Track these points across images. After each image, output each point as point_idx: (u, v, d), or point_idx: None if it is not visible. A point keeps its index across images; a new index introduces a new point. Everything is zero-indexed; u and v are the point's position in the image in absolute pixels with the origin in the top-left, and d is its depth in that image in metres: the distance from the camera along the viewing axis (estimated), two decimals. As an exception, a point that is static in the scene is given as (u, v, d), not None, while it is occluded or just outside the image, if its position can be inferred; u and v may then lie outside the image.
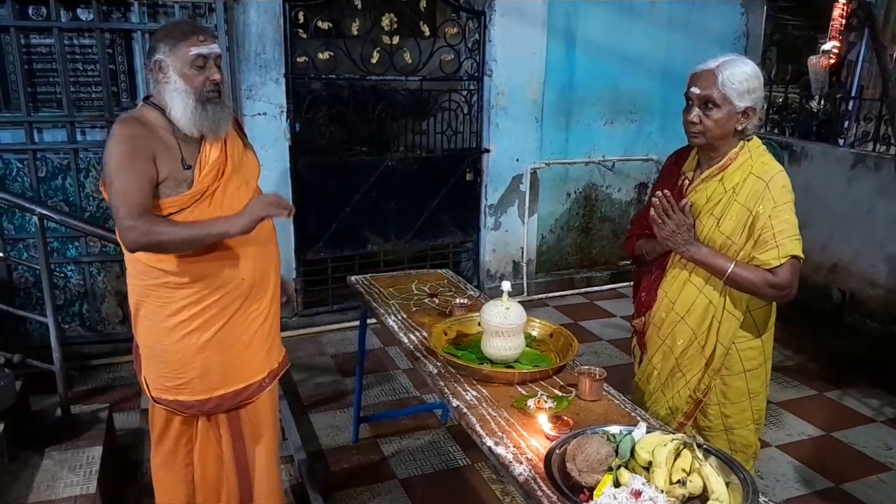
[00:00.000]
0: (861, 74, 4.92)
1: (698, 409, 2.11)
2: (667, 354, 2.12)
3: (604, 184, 5.53)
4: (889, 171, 4.27)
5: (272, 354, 2.24)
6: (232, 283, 2.04)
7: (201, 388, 2.08)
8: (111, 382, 3.74)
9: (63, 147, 3.80)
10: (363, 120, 4.66)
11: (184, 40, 1.89)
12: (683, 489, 1.51)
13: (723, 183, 1.96)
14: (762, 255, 1.90)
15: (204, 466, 2.20)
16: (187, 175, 1.96)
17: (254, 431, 2.23)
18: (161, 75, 1.92)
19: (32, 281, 3.86)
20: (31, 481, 2.38)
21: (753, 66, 1.92)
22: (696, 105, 1.92)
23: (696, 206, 2.00)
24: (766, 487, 2.97)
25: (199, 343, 2.04)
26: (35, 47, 3.71)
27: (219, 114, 1.97)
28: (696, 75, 1.93)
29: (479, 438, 1.80)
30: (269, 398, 2.26)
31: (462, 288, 2.99)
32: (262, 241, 2.11)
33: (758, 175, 1.92)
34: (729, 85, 1.88)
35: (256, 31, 4.03)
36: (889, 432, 3.49)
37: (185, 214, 1.95)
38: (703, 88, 1.90)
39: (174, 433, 2.16)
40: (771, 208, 1.88)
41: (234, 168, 2.04)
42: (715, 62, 1.92)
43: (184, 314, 2.02)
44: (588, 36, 5.08)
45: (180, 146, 1.96)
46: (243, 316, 2.10)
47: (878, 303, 4.39)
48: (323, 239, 4.55)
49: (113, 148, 1.88)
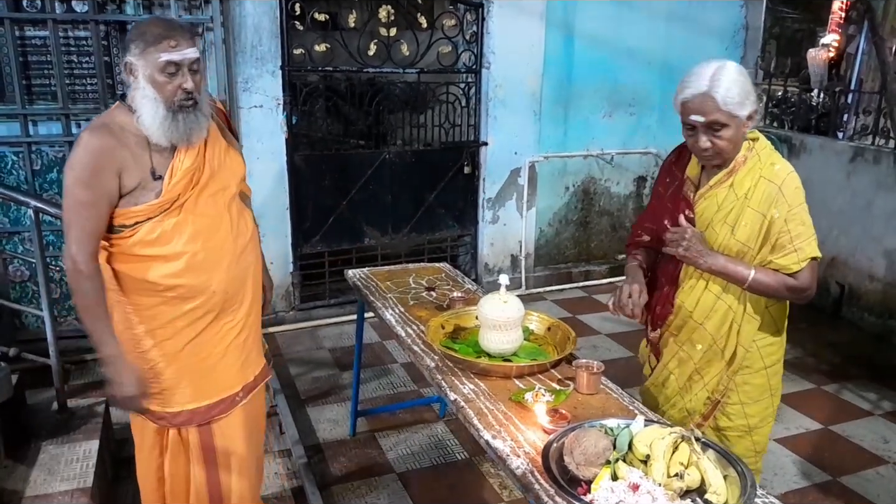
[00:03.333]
0: (860, 68, 4.90)
1: (716, 410, 2.06)
2: (684, 360, 2.07)
3: (602, 177, 5.51)
4: (888, 165, 4.27)
5: (248, 367, 2.12)
6: (202, 295, 1.93)
7: (171, 401, 1.99)
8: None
9: (58, 140, 3.78)
10: (360, 113, 4.64)
11: (154, 44, 1.76)
12: (681, 482, 1.50)
13: (733, 189, 1.89)
14: (781, 260, 1.87)
15: (173, 480, 2.10)
16: (157, 185, 1.85)
17: (227, 447, 2.10)
18: (132, 78, 1.81)
19: (28, 274, 3.85)
20: (28, 475, 2.37)
21: (737, 67, 1.82)
22: (702, 132, 1.82)
23: (707, 213, 1.94)
24: (765, 481, 2.96)
25: (169, 354, 1.96)
26: (30, 39, 3.68)
27: (191, 123, 1.84)
28: (692, 102, 1.80)
29: (476, 432, 1.79)
30: (244, 413, 2.12)
31: (460, 281, 2.98)
32: (237, 252, 2.01)
33: (769, 178, 1.85)
34: (730, 101, 1.77)
35: (253, 23, 4.00)
36: (887, 426, 3.49)
37: (153, 224, 1.85)
38: (706, 115, 1.79)
39: (148, 441, 2.08)
40: (786, 212, 1.84)
41: (212, 174, 1.93)
42: (704, 81, 1.78)
43: (152, 324, 1.93)
44: (586, 28, 5.06)
45: (151, 155, 1.84)
46: (215, 329, 2.00)
47: (877, 297, 4.39)
48: (320, 233, 4.54)
49: (76, 159, 1.78)
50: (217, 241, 1.95)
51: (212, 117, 1.97)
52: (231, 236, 1.99)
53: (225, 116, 2.16)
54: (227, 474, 2.13)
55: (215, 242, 1.95)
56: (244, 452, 2.14)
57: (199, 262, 1.91)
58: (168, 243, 1.88)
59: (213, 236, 1.94)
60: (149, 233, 1.86)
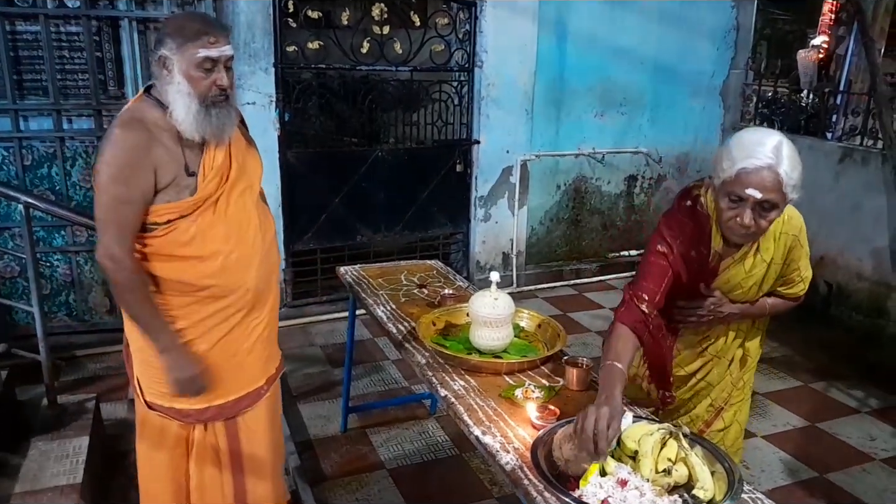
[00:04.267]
0: (850, 69, 4.93)
1: (718, 416, 2.11)
2: (702, 388, 2.09)
3: (593, 176, 5.53)
4: (876, 166, 4.30)
5: (271, 361, 2.17)
6: (236, 293, 1.94)
7: (200, 397, 1.98)
8: (98, 372, 3.72)
9: (49, 135, 3.77)
10: (353, 110, 4.65)
11: (193, 40, 1.75)
12: (669, 478, 1.52)
13: (760, 255, 1.86)
14: (790, 291, 1.98)
15: (201, 475, 2.09)
16: (191, 181, 1.85)
17: (252, 438, 2.13)
18: (165, 72, 1.79)
19: (18, 270, 3.84)
20: (18, 471, 2.37)
21: (793, 146, 1.68)
22: (750, 207, 1.66)
23: (734, 280, 1.89)
24: (752, 477, 2.99)
25: (199, 353, 1.94)
26: (21, 34, 3.66)
27: (224, 118, 1.84)
28: (754, 175, 1.63)
29: (466, 428, 1.81)
30: (267, 404, 2.16)
31: (451, 279, 2.99)
32: (265, 249, 2.02)
33: (787, 232, 1.86)
34: (789, 183, 1.65)
35: (246, 20, 4.00)
36: (873, 423, 3.53)
37: (186, 222, 1.84)
38: (765, 192, 1.64)
39: (171, 441, 2.04)
40: (800, 254, 1.91)
41: (239, 172, 1.93)
42: (767, 153, 1.63)
43: (182, 323, 1.91)
44: (579, 28, 5.07)
45: (184, 151, 1.84)
46: (245, 325, 2.01)
47: (864, 295, 4.42)
48: (312, 230, 4.54)
49: (112, 156, 1.76)
50: (248, 239, 1.96)
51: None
52: (260, 234, 2.00)
53: (239, 115, 2.15)
54: (253, 477, 2.15)
55: (247, 241, 1.96)
56: (268, 444, 2.17)
57: (233, 262, 1.92)
58: (203, 243, 1.87)
59: (245, 235, 1.95)
60: (183, 233, 1.85)
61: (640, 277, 1.86)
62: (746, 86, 5.69)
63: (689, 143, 5.76)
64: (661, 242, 1.86)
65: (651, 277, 1.84)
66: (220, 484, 2.11)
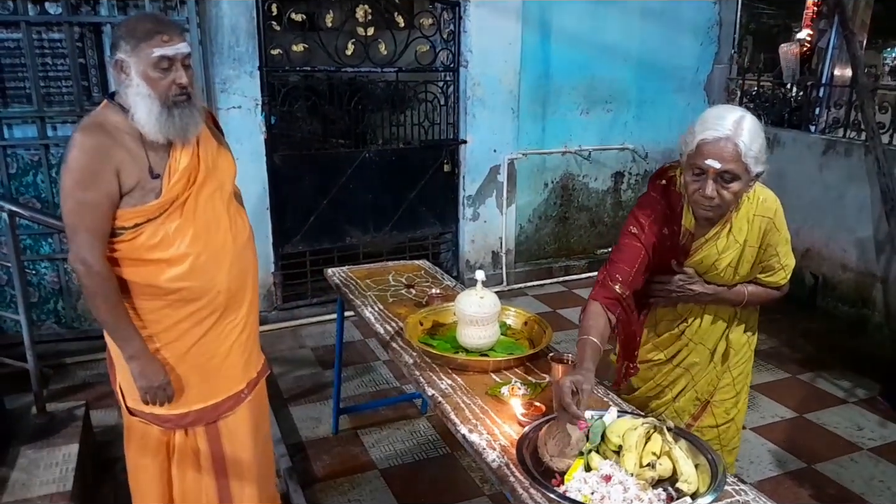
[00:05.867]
0: (831, 62, 4.97)
1: (705, 411, 2.13)
2: (681, 375, 2.11)
3: (580, 173, 5.56)
4: (859, 157, 4.34)
5: (251, 364, 2.14)
6: (207, 295, 1.93)
7: (179, 402, 1.98)
8: (88, 380, 3.72)
9: (34, 143, 3.75)
10: (340, 112, 4.64)
11: (146, 40, 1.73)
12: (653, 472, 1.53)
13: (732, 235, 1.87)
14: (770, 279, 1.97)
15: (183, 481, 2.09)
16: (155, 184, 1.82)
17: (234, 442, 2.12)
18: (123, 76, 1.78)
19: (5, 279, 3.82)
20: (7, 480, 2.36)
21: (757, 122, 1.74)
22: (712, 179, 1.71)
23: (707, 260, 1.91)
24: (740, 469, 3.02)
25: (174, 357, 1.94)
26: (2, 42, 3.65)
27: (187, 118, 1.82)
28: (712, 146, 1.69)
29: (453, 426, 1.82)
30: (250, 408, 2.13)
31: (439, 278, 3.00)
32: (238, 249, 2.00)
33: (762, 214, 1.87)
34: (750, 153, 1.69)
35: (229, 24, 3.99)
36: (860, 413, 3.56)
37: (153, 225, 1.83)
38: (724, 162, 1.68)
39: (152, 446, 2.04)
40: (777, 239, 1.91)
41: (208, 173, 1.91)
42: (727, 125, 1.69)
43: (154, 328, 1.91)
44: (563, 26, 5.09)
45: (147, 153, 1.82)
46: (220, 328, 2.00)
47: (850, 286, 4.47)
48: (301, 232, 4.54)
49: (73, 161, 1.75)
50: (218, 241, 1.95)
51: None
52: (231, 235, 1.99)
53: (211, 116, 2.14)
54: (237, 482, 2.14)
55: (217, 243, 1.94)
56: (251, 448, 2.16)
57: (202, 264, 1.90)
58: (171, 246, 1.86)
59: (215, 237, 1.94)
60: (151, 236, 1.84)
61: (614, 259, 1.91)
62: (730, 80, 5.73)
63: (674, 139, 5.69)
64: (633, 224, 1.91)
65: (624, 259, 1.88)
66: (201, 488, 2.11)
